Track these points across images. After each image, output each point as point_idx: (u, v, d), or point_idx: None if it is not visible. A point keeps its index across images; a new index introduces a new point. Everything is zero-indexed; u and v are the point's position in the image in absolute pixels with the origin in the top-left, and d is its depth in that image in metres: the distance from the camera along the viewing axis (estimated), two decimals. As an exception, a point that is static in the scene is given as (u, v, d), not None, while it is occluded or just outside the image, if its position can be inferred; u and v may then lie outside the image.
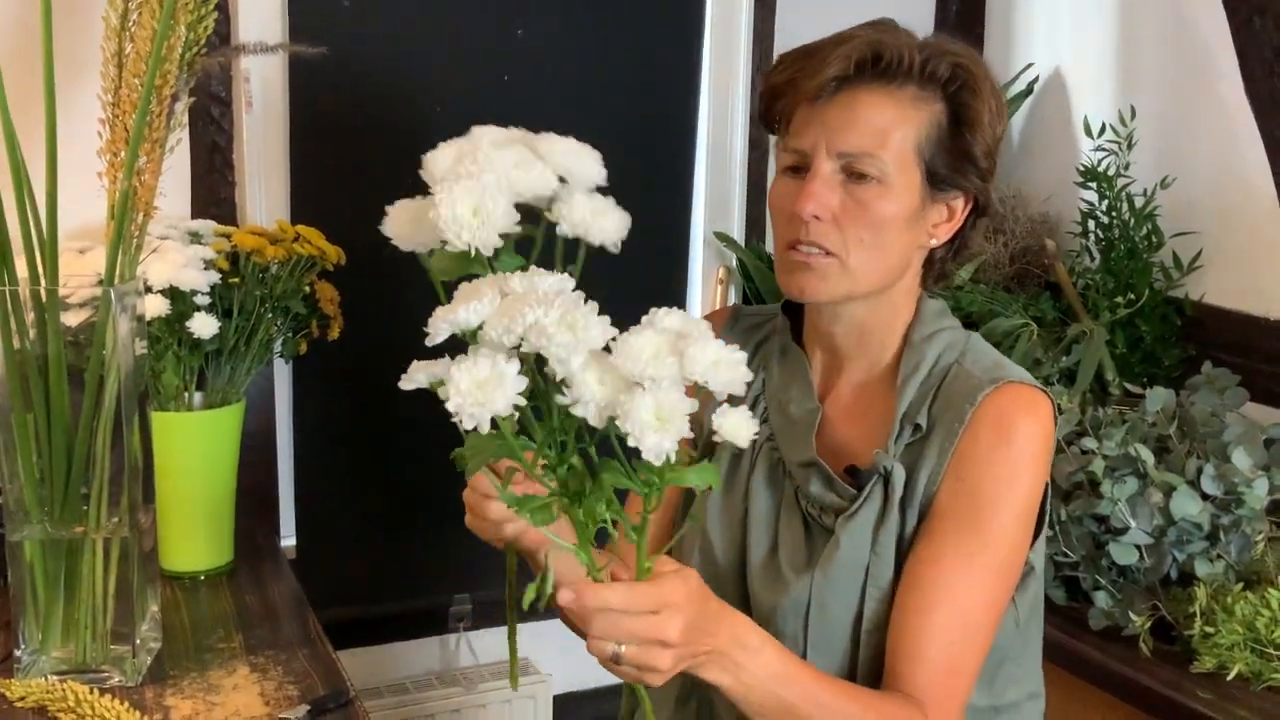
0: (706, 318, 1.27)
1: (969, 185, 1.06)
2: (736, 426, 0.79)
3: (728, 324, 1.24)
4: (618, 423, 0.74)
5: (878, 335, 1.11)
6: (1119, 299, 1.87)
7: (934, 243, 1.09)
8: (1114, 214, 1.93)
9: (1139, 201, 1.92)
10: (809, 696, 0.93)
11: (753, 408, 1.15)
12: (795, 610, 1.07)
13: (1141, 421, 1.59)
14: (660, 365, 0.75)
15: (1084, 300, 1.92)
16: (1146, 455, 1.49)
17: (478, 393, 0.73)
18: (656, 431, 0.73)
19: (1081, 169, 1.96)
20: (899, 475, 1.05)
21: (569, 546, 0.83)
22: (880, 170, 1.02)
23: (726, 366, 0.76)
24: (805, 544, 1.09)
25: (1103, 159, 1.95)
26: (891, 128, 1.02)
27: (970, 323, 1.83)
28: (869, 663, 1.06)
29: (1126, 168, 1.94)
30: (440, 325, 0.78)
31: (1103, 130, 1.95)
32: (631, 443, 0.74)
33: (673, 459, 0.76)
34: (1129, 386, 1.78)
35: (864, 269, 1.05)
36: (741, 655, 0.90)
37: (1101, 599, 1.48)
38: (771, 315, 1.22)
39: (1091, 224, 1.98)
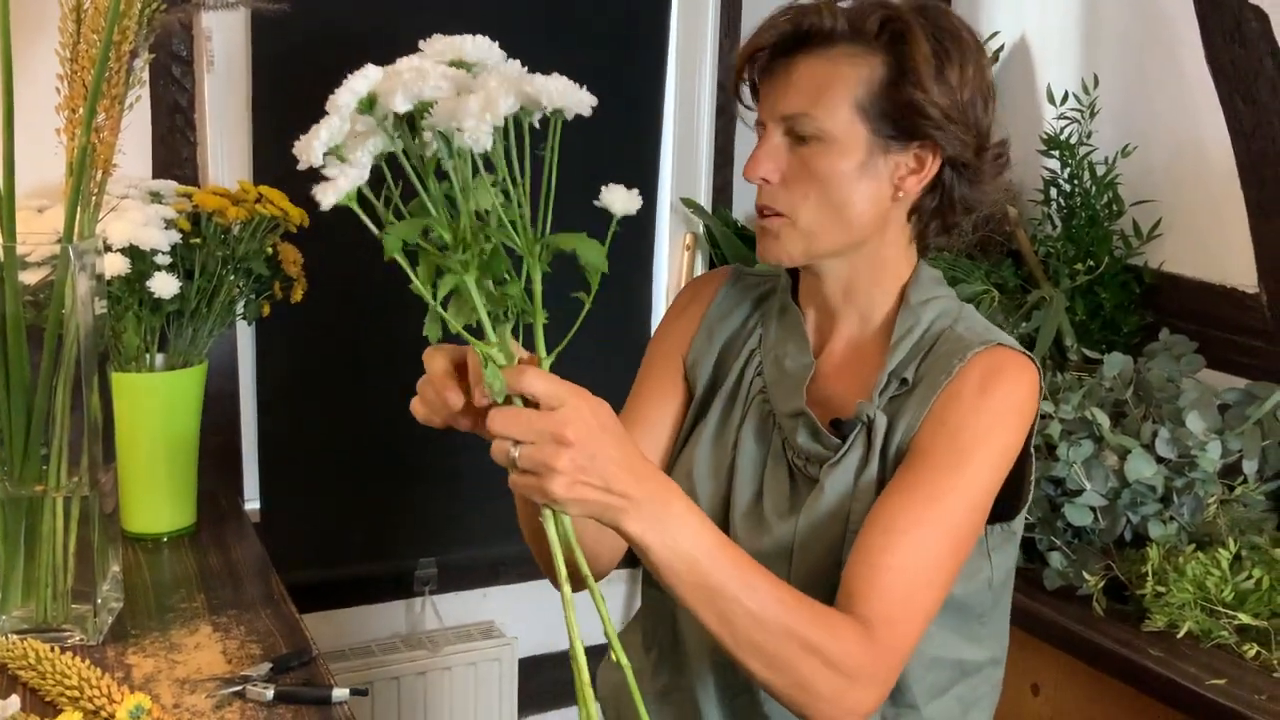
0: (704, 276, 1.30)
1: (926, 135, 1.06)
2: (617, 198, 0.86)
3: (728, 282, 1.26)
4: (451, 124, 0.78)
5: (865, 291, 1.14)
6: (1079, 266, 1.90)
7: (903, 195, 1.09)
8: (1075, 182, 1.95)
9: (1100, 170, 1.94)
10: (739, 577, 0.91)
11: (748, 363, 1.18)
12: (778, 554, 1.08)
13: (1099, 386, 1.61)
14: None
15: (1045, 267, 1.94)
16: (1102, 419, 1.51)
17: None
18: (476, 118, 0.77)
19: (1044, 137, 1.97)
20: (881, 423, 1.07)
21: (482, 346, 0.83)
22: (817, 128, 1.05)
23: (572, 90, 0.81)
24: (790, 492, 1.12)
25: (1065, 127, 1.96)
26: (825, 86, 1.05)
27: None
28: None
29: (1089, 136, 1.96)
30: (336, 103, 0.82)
31: (1065, 98, 1.96)
32: (457, 140, 0.79)
33: (488, 146, 0.79)
34: (1087, 352, 1.80)
35: (817, 226, 1.08)
36: (664, 513, 0.88)
37: (1056, 559, 1.50)
38: (774, 276, 1.25)
39: (1053, 192, 1.99)
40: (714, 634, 0.93)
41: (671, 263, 2.32)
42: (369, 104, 0.82)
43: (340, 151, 0.82)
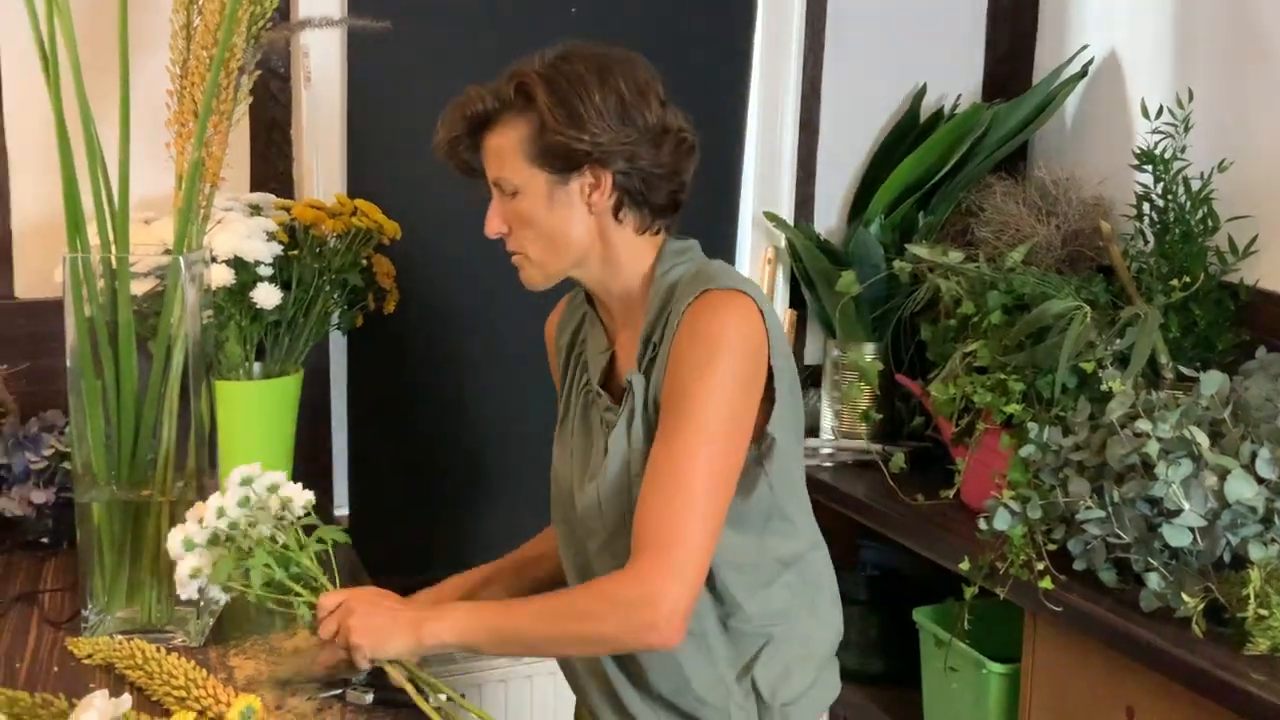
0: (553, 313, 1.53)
1: (585, 160, 1.26)
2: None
3: (565, 305, 1.49)
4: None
5: (618, 284, 1.34)
6: (1174, 283, 1.86)
7: (596, 209, 1.30)
8: (1169, 197, 1.92)
9: (1195, 185, 1.91)
10: (512, 616, 1.24)
11: (578, 363, 1.42)
12: (590, 511, 1.32)
13: (1195, 405, 1.58)
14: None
15: (1137, 284, 1.91)
16: (1201, 438, 1.48)
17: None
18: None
19: (1137, 151, 1.94)
20: (638, 383, 1.29)
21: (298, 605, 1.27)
22: (512, 185, 1.29)
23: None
24: (601, 457, 1.33)
25: (1159, 142, 1.93)
26: (502, 152, 1.29)
27: (1022, 305, 1.83)
28: None
29: (1183, 150, 1.92)
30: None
31: (1160, 112, 1.93)
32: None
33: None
34: (1183, 370, 1.77)
35: (544, 255, 1.32)
36: (434, 614, 1.24)
37: (1153, 580, 1.47)
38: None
39: (1146, 207, 1.96)
40: (535, 654, 1.34)
41: (753, 277, 2.32)
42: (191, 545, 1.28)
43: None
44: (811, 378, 2.37)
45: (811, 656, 1.35)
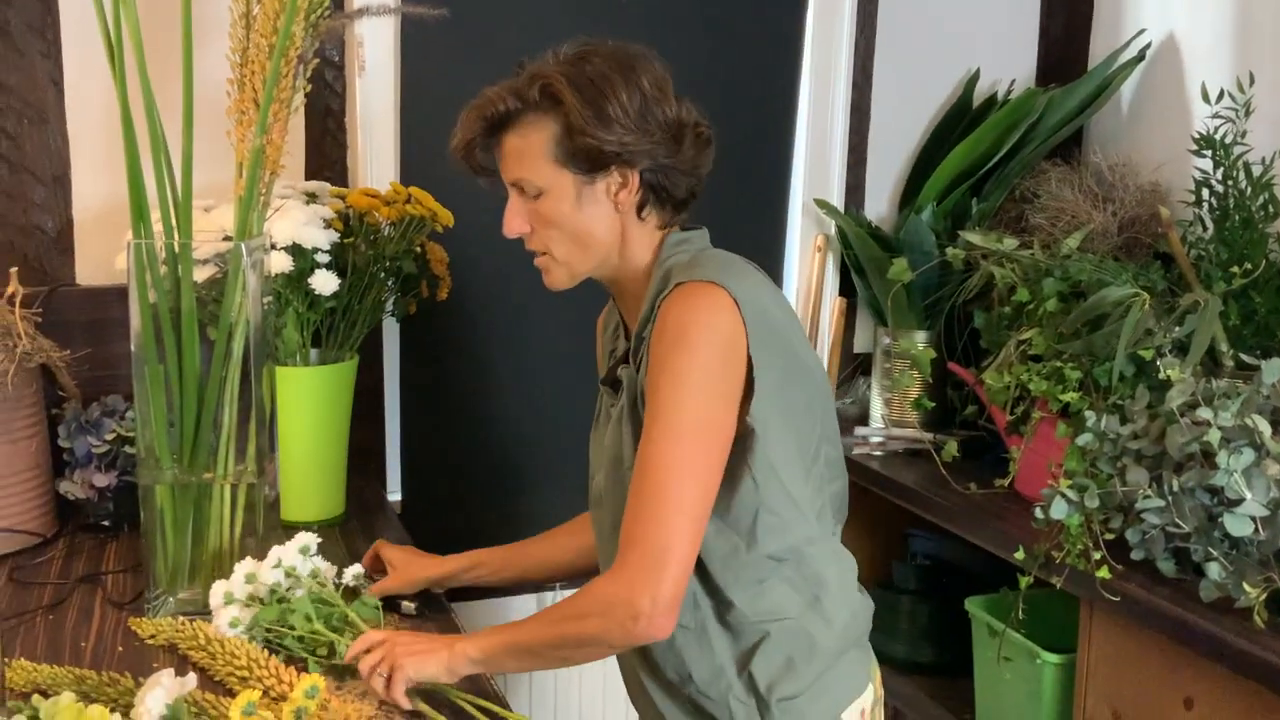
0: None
1: (613, 160, 1.27)
2: None
3: (611, 304, 1.48)
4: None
5: (632, 280, 1.35)
6: (1234, 269, 1.83)
7: (623, 207, 1.30)
8: (1229, 183, 1.89)
9: (1255, 170, 1.87)
10: (522, 628, 1.27)
11: (611, 357, 1.43)
12: (597, 503, 1.37)
13: (1256, 393, 1.56)
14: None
15: (1196, 270, 1.89)
16: (1264, 426, 1.46)
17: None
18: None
19: (1196, 136, 1.91)
20: (628, 377, 1.31)
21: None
22: (535, 186, 1.29)
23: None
24: (606, 453, 1.36)
25: (1219, 126, 1.90)
26: (524, 153, 1.28)
27: (1078, 292, 1.81)
28: None
29: (1243, 136, 1.89)
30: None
31: (1220, 96, 1.90)
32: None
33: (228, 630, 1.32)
34: (1244, 357, 1.74)
35: (570, 254, 1.32)
36: (457, 645, 1.25)
37: (1214, 570, 1.45)
38: None
39: (1205, 193, 1.93)
40: (547, 664, 1.38)
41: (802, 264, 2.31)
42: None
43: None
44: (861, 366, 2.36)
45: (816, 652, 1.31)
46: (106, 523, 1.69)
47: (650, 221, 1.32)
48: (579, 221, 1.30)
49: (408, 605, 1.46)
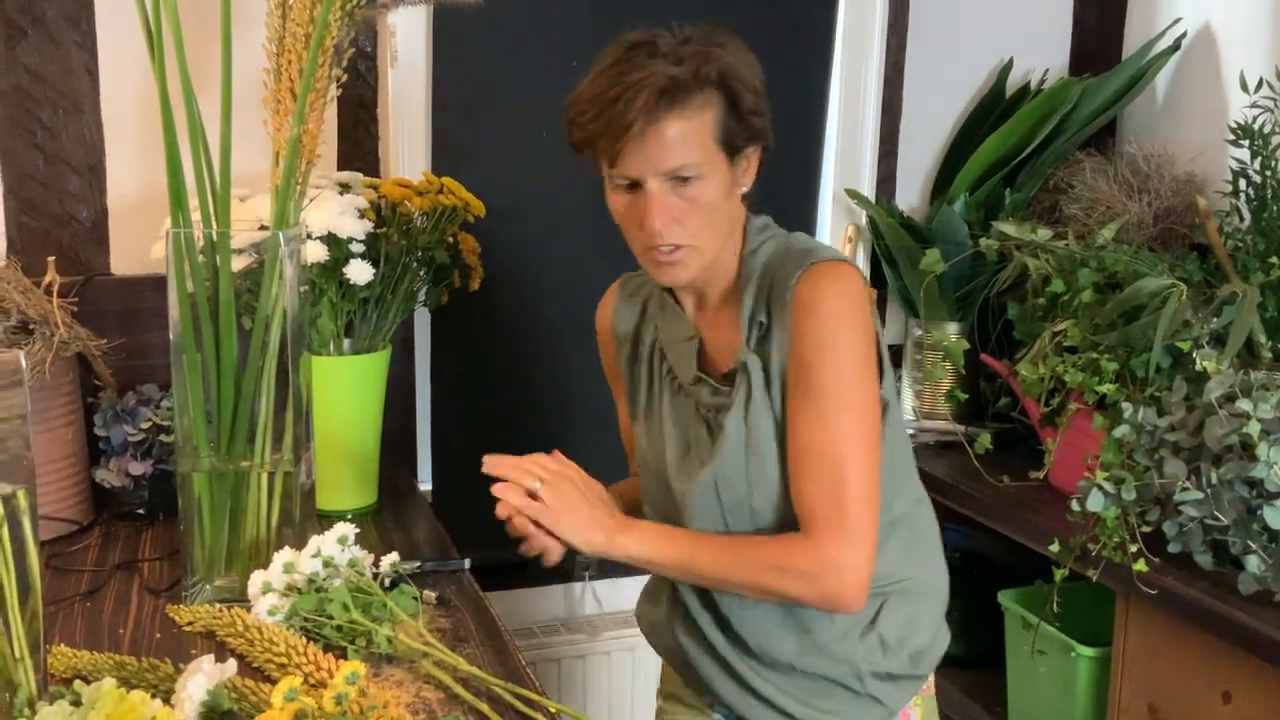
0: (599, 308, 1.51)
1: (756, 139, 1.27)
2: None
3: (618, 298, 1.48)
4: None
5: (721, 266, 1.32)
6: (1272, 260, 1.81)
7: (745, 189, 1.30)
8: (1268, 173, 1.87)
9: (1294, 160, 1.85)
10: (703, 551, 1.27)
11: (653, 352, 1.41)
12: (704, 491, 1.32)
13: (1296, 385, 1.54)
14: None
15: (1233, 261, 1.87)
16: (1304, 419, 1.45)
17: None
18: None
19: (1234, 126, 1.89)
20: (754, 364, 1.29)
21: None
22: (697, 170, 1.22)
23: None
24: (710, 442, 1.33)
25: (1257, 116, 1.88)
26: (693, 137, 1.21)
27: (1113, 283, 1.79)
28: (771, 516, 1.30)
29: (1281, 125, 1.87)
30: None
31: (1259, 86, 1.88)
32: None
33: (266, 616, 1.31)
34: (1283, 349, 1.72)
35: (710, 243, 1.27)
36: (626, 525, 1.29)
37: (1253, 563, 1.44)
38: (647, 276, 1.41)
39: (1243, 183, 1.91)
40: (708, 587, 1.32)
41: (833, 255, 2.30)
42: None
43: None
44: (893, 357, 2.35)
45: (933, 604, 1.39)
46: (141, 511, 1.70)
47: (745, 203, 1.32)
48: (729, 208, 1.28)
49: (429, 595, 1.46)
